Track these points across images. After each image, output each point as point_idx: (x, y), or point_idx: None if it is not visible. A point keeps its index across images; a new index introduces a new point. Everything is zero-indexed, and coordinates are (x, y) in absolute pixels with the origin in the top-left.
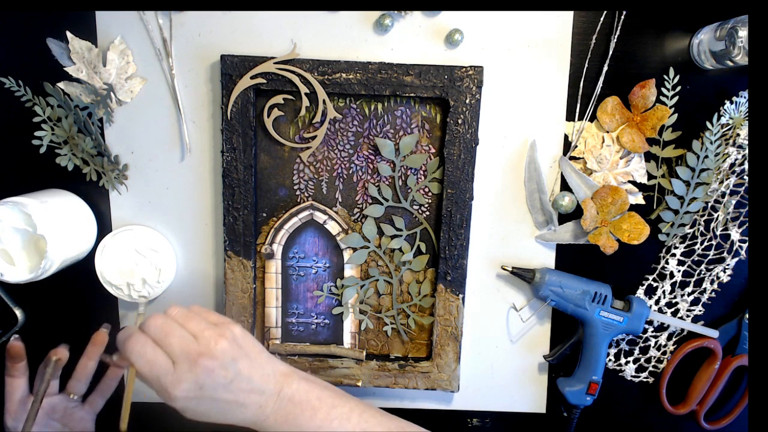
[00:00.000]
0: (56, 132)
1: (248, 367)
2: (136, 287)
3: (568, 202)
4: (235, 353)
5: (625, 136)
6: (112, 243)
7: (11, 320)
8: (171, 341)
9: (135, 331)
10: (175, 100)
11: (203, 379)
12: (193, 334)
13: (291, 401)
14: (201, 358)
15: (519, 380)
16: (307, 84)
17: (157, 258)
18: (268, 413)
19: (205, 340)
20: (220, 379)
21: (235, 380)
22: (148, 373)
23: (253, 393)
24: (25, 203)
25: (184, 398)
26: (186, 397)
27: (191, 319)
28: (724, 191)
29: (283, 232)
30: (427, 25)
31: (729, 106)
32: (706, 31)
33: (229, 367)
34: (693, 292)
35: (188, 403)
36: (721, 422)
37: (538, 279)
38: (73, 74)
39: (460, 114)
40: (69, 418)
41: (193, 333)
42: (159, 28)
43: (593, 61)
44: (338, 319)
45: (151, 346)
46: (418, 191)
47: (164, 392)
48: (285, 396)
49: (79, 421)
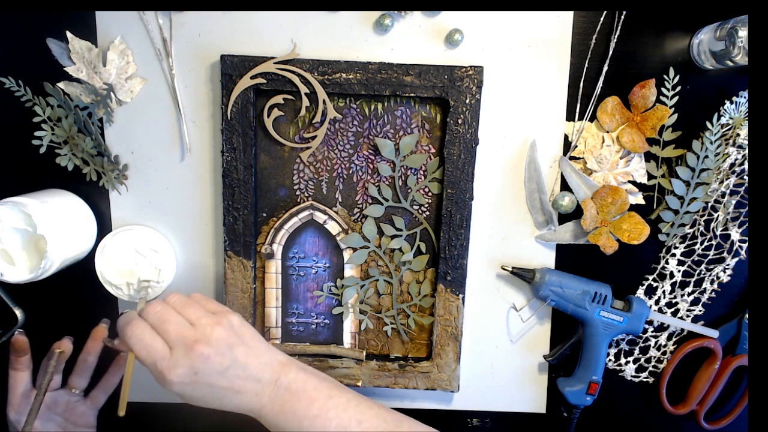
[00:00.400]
0: (56, 132)
1: (245, 354)
2: (136, 286)
3: (568, 202)
4: (231, 340)
5: (625, 136)
6: (112, 243)
7: (11, 320)
8: (168, 327)
9: (134, 317)
10: (175, 100)
11: (198, 364)
12: (191, 321)
13: (288, 390)
14: (197, 344)
15: (519, 380)
16: (307, 84)
17: (157, 258)
18: (264, 401)
19: (201, 327)
20: (215, 366)
21: (231, 367)
22: (146, 357)
23: (250, 380)
24: (25, 203)
25: (179, 383)
26: (181, 383)
27: (189, 306)
28: (724, 191)
29: (283, 232)
30: (427, 25)
31: (729, 106)
32: (706, 31)
33: (225, 353)
34: (693, 292)
35: (184, 388)
36: (721, 422)
37: (538, 279)
38: (73, 74)
39: (460, 114)
40: (71, 412)
41: (191, 320)
42: (159, 28)
43: (593, 61)
44: (338, 319)
45: (149, 332)
46: (418, 191)
47: (160, 376)
48: (282, 385)
49: (81, 416)
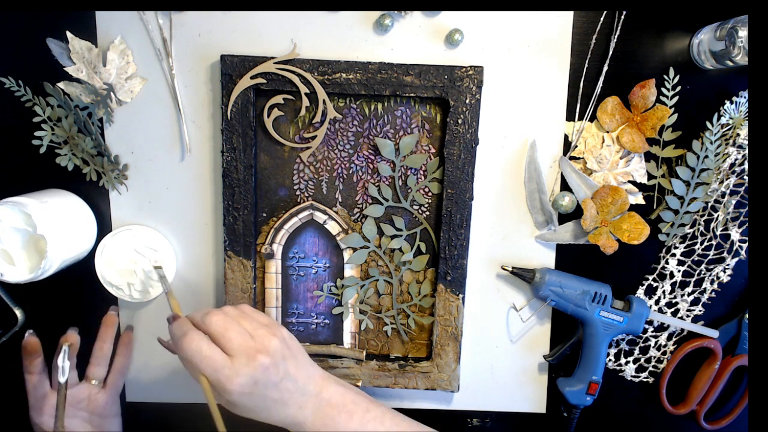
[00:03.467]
0: (56, 132)
1: (294, 367)
2: (136, 286)
3: (568, 202)
4: (284, 353)
5: (625, 136)
6: (112, 243)
7: (11, 320)
8: (231, 336)
9: (189, 329)
10: (175, 100)
11: (259, 374)
12: (248, 332)
13: (329, 404)
14: (258, 354)
15: (519, 380)
16: (307, 84)
17: (157, 258)
18: (307, 414)
19: (260, 338)
20: (272, 377)
21: (284, 379)
22: (205, 368)
23: (297, 393)
24: (25, 203)
25: (239, 393)
26: (241, 392)
27: (245, 318)
28: (724, 191)
29: (283, 232)
30: (427, 25)
31: (729, 106)
32: (706, 31)
33: (279, 365)
34: (693, 292)
35: (242, 398)
36: (721, 422)
37: (538, 279)
38: (73, 74)
39: (460, 114)
40: (94, 404)
41: (248, 331)
42: (159, 28)
43: (593, 61)
44: (338, 319)
45: (206, 343)
46: (418, 191)
47: (220, 386)
48: (323, 398)
49: (104, 406)
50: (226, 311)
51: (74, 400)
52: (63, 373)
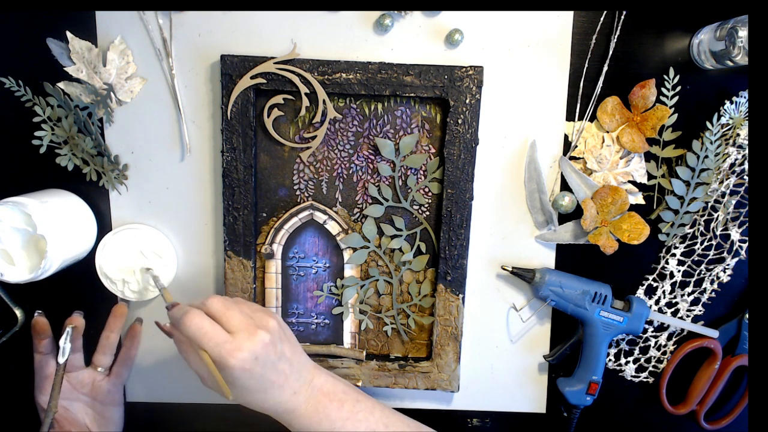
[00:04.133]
0: (56, 132)
1: (290, 350)
2: (131, 286)
3: (568, 202)
4: (281, 334)
5: (625, 136)
6: (112, 242)
7: (11, 320)
8: (231, 314)
9: (189, 309)
10: (175, 100)
11: (259, 349)
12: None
13: (321, 391)
14: (259, 330)
15: (519, 380)
16: (307, 84)
17: (157, 258)
18: (300, 401)
19: (258, 318)
20: (271, 355)
21: (281, 359)
22: (207, 343)
23: (292, 377)
24: (25, 203)
25: (240, 368)
26: (242, 368)
27: (242, 304)
28: (724, 191)
29: (283, 232)
30: (427, 25)
31: (729, 106)
32: (706, 31)
33: (277, 344)
34: (693, 292)
35: (243, 374)
36: (721, 422)
37: (538, 279)
38: (73, 74)
39: (460, 114)
40: (97, 391)
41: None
42: (159, 28)
43: (593, 61)
44: (338, 319)
45: (208, 320)
46: (418, 191)
47: (222, 361)
48: (316, 386)
49: (107, 394)
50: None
51: (78, 384)
52: (63, 354)
